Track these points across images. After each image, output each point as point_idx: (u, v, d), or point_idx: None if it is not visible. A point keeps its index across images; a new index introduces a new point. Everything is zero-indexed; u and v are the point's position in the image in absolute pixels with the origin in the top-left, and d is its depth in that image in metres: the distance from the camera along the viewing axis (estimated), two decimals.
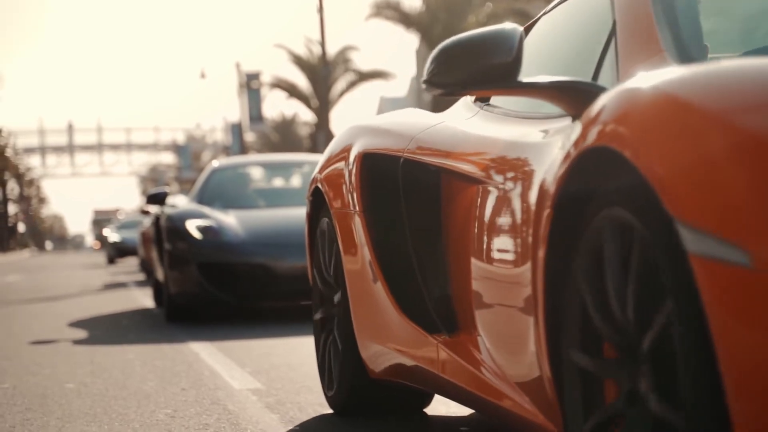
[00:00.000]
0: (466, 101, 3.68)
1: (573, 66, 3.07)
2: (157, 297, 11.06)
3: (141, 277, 19.95)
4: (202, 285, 8.70)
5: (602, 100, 2.11)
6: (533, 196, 2.49)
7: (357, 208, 3.69)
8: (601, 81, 2.81)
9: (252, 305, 8.95)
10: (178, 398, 4.77)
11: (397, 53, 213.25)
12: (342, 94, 46.63)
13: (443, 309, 3.25)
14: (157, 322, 9.31)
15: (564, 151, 2.26)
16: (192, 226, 8.95)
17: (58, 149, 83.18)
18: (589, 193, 2.21)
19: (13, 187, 79.46)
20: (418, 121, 3.68)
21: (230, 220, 9.13)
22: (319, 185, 4.10)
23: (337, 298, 4.04)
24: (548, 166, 2.43)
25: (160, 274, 10.16)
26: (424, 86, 2.74)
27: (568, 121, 2.67)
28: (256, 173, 11.05)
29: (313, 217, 4.30)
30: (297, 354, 6.34)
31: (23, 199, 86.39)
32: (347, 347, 3.88)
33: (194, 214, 9.24)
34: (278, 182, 11.12)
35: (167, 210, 9.56)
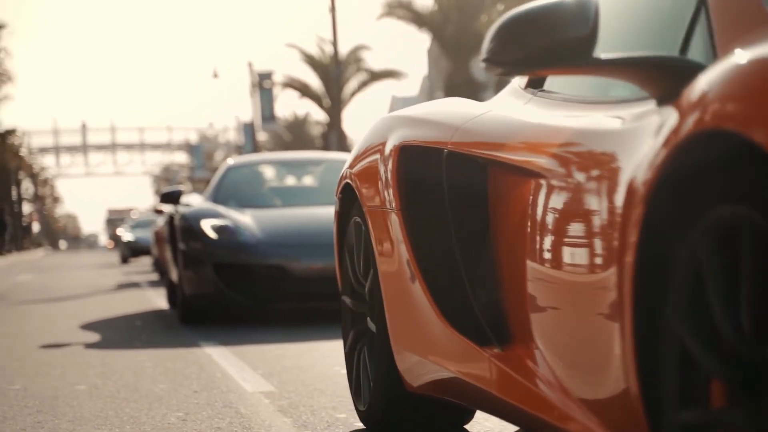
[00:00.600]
0: (514, 88, 3.32)
1: (651, 40, 2.68)
2: (171, 298, 10.90)
3: (154, 276, 19.93)
4: (217, 286, 8.47)
5: (707, 78, 1.81)
6: (617, 192, 2.15)
7: (394, 206, 3.34)
8: (692, 56, 2.41)
9: (268, 307, 8.71)
10: (190, 401, 4.73)
11: (408, 53, 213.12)
12: (354, 93, 46.63)
13: (493, 317, 2.90)
14: (169, 324, 9.28)
15: (659, 140, 1.94)
16: (207, 226, 8.73)
17: (72, 149, 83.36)
18: (694, 188, 1.89)
19: (27, 187, 79.70)
20: (463, 110, 3.32)
21: (246, 219, 8.88)
22: (350, 181, 3.76)
23: (370, 310, 3.66)
24: (635, 157, 2.10)
25: (174, 275, 9.95)
26: (483, 65, 2.42)
27: (650, 105, 2.30)
28: (272, 172, 10.80)
29: (343, 216, 3.94)
30: (309, 356, 6.30)
31: (37, 199, 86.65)
32: (382, 357, 3.49)
33: (209, 213, 9.01)
34: (295, 181, 10.86)
35: (181, 209, 9.37)
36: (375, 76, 46.90)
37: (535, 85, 3.18)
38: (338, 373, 5.44)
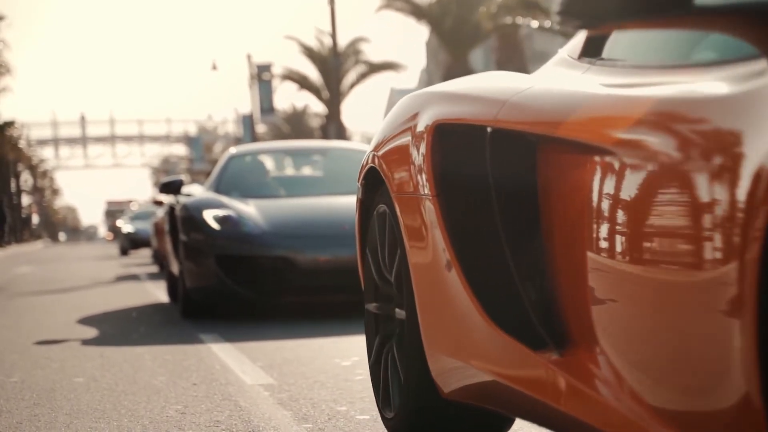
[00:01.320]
0: (564, 58, 2.91)
1: None
2: (172, 291, 10.69)
3: (154, 269, 19.88)
4: (220, 279, 8.18)
5: None
6: (735, 173, 1.73)
7: (428, 192, 2.93)
8: None
9: (273, 301, 8.33)
10: (189, 393, 4.69)
11: (407, 45, 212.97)
12: (353, 85, 46.60)
13: (546, 316, 2.51)
14: (168, 316, 9.24)
15: None
16: (209, 216, 8.41)
17: (71, 141, 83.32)
18: None
19: (26, 179, 79.64)
20: (508, 83, 2.87)
21: (250, 209, 8.56)
22: (376, 166, 3.32)
23: (398, 299, 3.25)
24: (759, 130, 1.70)
25: (174, 267, 9.69)
26: (557, 18, 2.10)
27: (763, 63, 1.86)
28: (276, 161, 10.49)
29: (366, 204, 3.50)
30: (309, 348, 6.27)
31: (37, 191, 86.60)
32: (412, 360, 3.10)
33: (212, 203, 8.70)
34: (299, 170, 10.61)
35: (183, 199, 9.09)
36: (374, 68, 46.86)
37: (592, 53, 2.78)
38: (338, 365, 5.41)
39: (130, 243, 32.46)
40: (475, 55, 42.58)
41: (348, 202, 8.30)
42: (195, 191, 9.52)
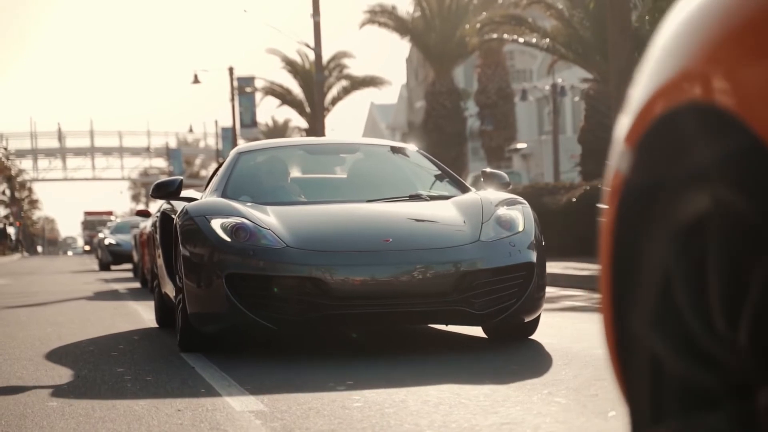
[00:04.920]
0: None
1: None
2: (164, 316, 8.96)
3: (136, 284, 19.32)
4: (231, 304, 6.40)
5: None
6: None
7: None
8: None
9: (297, 332, 6.68)
10: (173, 421, 4.32)
11: (388, 62, 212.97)
12: (335, 100, 46.28)
13: None
14: (147, 333, 8.83)
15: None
16: (218, 225, 6.64)
17: (49, 152, 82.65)
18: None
19: (3, 190, 78.91)
20: None
21: (269, 218, 6.80)
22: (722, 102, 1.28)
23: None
24: None
25: (168, 288, 7.97)
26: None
27: None
28: (294, 159, 8.62)
29: (644, 199, 1.52)
30: (298, 371, 5.88)
31: (14, 202, 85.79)
32: None
33: (221, 209, 6.89)
34: (324, 171, 8.79)
35: (182, 204, 7.42)
36: (357, 83, 46.57)
37: None
38: (333, 389, 5.04)
39: (111, 257, 29.66)
40: (455, 73, 42.27)
41: (388, 211, 7.04)
42: (196, 196, 8.04)
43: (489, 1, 37.07)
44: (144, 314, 10.83)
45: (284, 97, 47.81)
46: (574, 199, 19.30)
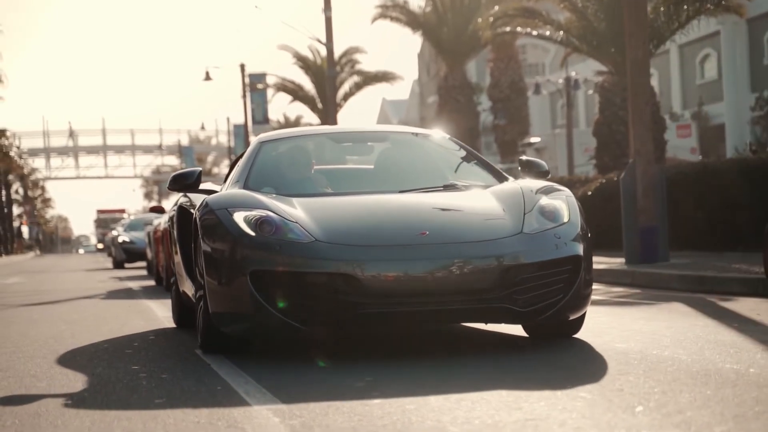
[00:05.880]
0: None
1: None
2: (182, 316, 8.62)
3: (150, 282, 19.23)
4: (256, 303, 5.94)
5: None
6: None
7: None
8: None
9: (328, 332, 6.08)
10: (189, 419, 4.22)
11: (399, 56, 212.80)
12: (347, 96, 46.16)
13: None
14: (162, 330, 8.74)
15: None
16: (241, 219, 6.19)
17: (62, 151, 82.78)
18: None
19: (17, 189, 79.06)
20: None
21: (296, 211, 6.34)
22: None
23: None
24: None
25: (187, 286, 7.63)
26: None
27: None
28: (319, 148, 8.15)
29: None
30: (315, 367, 5.77)
31: (28, 201, 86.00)
32: None
33: (244, 201, 6.44)
34: (352, 160, 8.33)
35: (201, 198, 7.02)
36: (369, 78, 46.43)
37: None
38: (351, 386, 4.94)
39: (125, 254, 29.31)
40: (468, 67, 42.12)
41: (423, 202, 6.56)
42: (216, 188, 7.54)
43: None
44: (158, 312, 10.75)
45: (296, 93, 47.72)
46: (589, 193, 19.16)
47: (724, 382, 4.66)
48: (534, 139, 45.38)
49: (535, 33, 26.21)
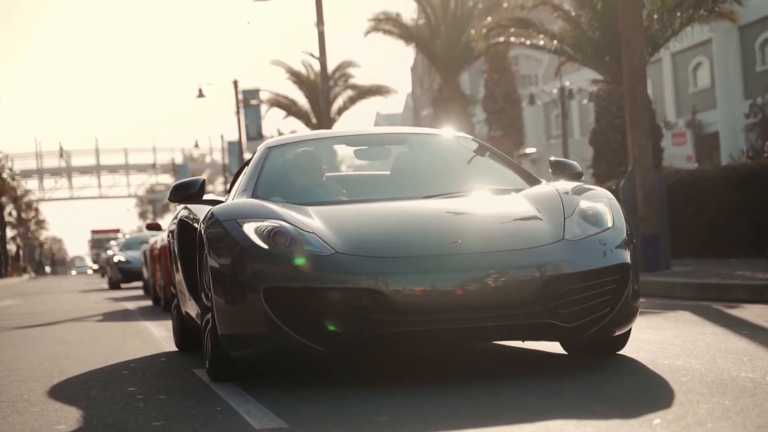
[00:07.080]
0: None
1: None
2: (184, 338, 7.99)
3: (147, 302, 18.88)
4: (271, 323, 5.30)
5: None
6: None
7: None
8: None
9: (352, 353, 5.53)
10: None
11: (392, 69, 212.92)
12: (341, 110, 46.06)
13: None
14: (158, 350, 8.56)
15: None
16: (251, 230, 5.57)
17: (55, 172, 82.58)
18: None
19: (10, 211, 78.81)
20: None
21: (311, 221, 5.71)
22: None
23: None
24: None
25: (191, 307, 7.05)
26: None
27: None
28: (332, 153, 7.56)
29: None
30: (321, 384, 5.59)
31: (21, 223, 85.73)
32: None
33: (254, 211, 5.81)
34: (368, 165, 7.75)
35: (205, 209, 6.52)
36: (363, 92, 46.34)
37: None
38: (356, 405, 4.77)
39: (121, 274, 28.71)
40: (461, 79, 42.09)
41: (452, 208, 5.93)
42: (221, 198, 7.03)
43: (494, 5, 36.84)
44: (155, 332, 10.58)
45: (290, 108, 47.60)
46: None
47: (741, 391, 4.50)
48: (530, 150, 45.31)
49: (528, 43, 26.13)
